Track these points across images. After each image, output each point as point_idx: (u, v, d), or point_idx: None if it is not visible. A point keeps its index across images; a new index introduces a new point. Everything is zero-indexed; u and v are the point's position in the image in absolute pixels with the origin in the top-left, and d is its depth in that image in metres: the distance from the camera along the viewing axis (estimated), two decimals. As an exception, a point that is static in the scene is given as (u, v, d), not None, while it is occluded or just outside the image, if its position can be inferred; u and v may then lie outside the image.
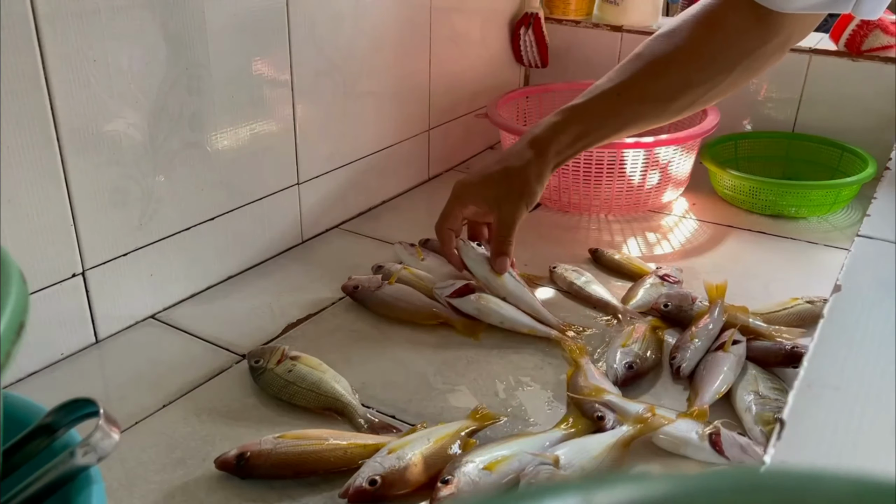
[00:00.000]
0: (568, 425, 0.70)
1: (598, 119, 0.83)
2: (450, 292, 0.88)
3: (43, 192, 0.74)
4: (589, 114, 0.84)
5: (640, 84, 0.82)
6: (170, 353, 0.82)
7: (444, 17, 1.23)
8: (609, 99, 0.83)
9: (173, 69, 0.83)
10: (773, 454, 0.35)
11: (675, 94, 0.82)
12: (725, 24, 0.78)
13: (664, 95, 0.82)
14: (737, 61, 0.79)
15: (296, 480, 0.64)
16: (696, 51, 0.79)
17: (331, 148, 1.08)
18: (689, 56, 0.80)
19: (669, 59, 0.81)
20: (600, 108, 0.83)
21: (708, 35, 0.79)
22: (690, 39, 0.80)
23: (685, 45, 0.80)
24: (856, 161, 1.19)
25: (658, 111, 0.84)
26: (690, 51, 0.80)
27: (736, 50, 0.78)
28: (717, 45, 0.79)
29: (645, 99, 0.83)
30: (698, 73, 0.80)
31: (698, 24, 0.80)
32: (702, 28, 0.80)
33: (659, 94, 0.82)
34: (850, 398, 0.38)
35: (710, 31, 0.79)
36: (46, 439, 0.41)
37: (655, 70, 0.81)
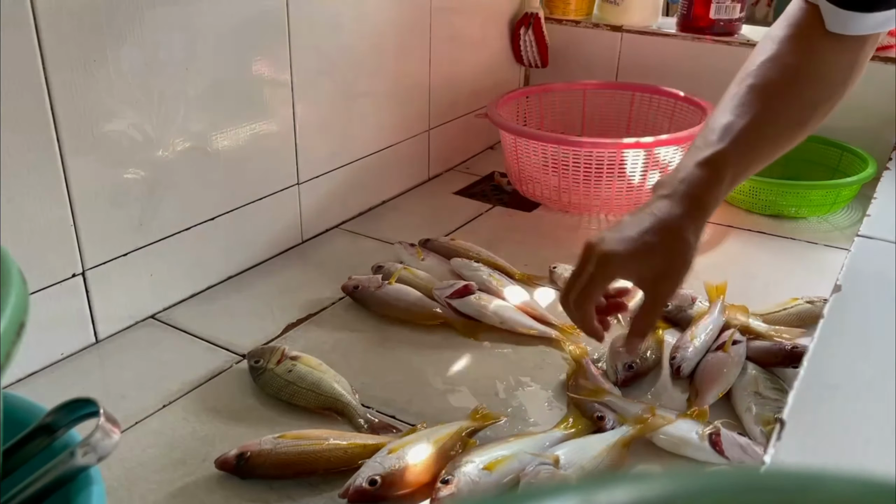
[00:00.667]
0: (568, 425, 0.70)
1: (745, 161, 0.74)
2: (450, 293, 0.88)
3: (43, 192, 0.74)
4: (737, 158, 0.73)
5: (772, 117, 0.76)
6: (170, 353, 0.82)
7: (444, 17, 1.23)
8: (751, 139, 0.74)
9: (173, 69, 0.83)
10: (773, 454, 0.35)
11: (806, 118, 0.77)
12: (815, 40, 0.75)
13: (796, 121, 0.77)
14: (845, 76, 0.76)
15: (296, 480, 0.64)
16: (805, 70, 0.76)
17: (331, 148, 1.08)
18: (804, 76, 0.76)
19: (789, 86, 0.76)
20: (746, 151, 0.74)
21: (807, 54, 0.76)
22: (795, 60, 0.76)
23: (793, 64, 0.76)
24: (856, 161, 1.19)
25: (793, 138, 0.78)
26: (801, 71, 0.76)
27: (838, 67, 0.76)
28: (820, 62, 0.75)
29: (781, 132, 0.77)
30: (818, 91, 0.76)
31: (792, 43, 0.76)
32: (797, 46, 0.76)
33: (792, 122, 0.77)
34: (850, 398, 0.38)
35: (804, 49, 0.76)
36: (46, 439, 0.41)
37: (782, 100, 0.76)
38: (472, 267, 0.94)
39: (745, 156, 0.74)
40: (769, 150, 0.77)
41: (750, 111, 0.74)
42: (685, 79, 1.29)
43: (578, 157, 1.10)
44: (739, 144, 0.73)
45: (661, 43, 1.36)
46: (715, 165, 0.71)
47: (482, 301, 0.87)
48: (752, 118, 0.74)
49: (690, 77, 1.30)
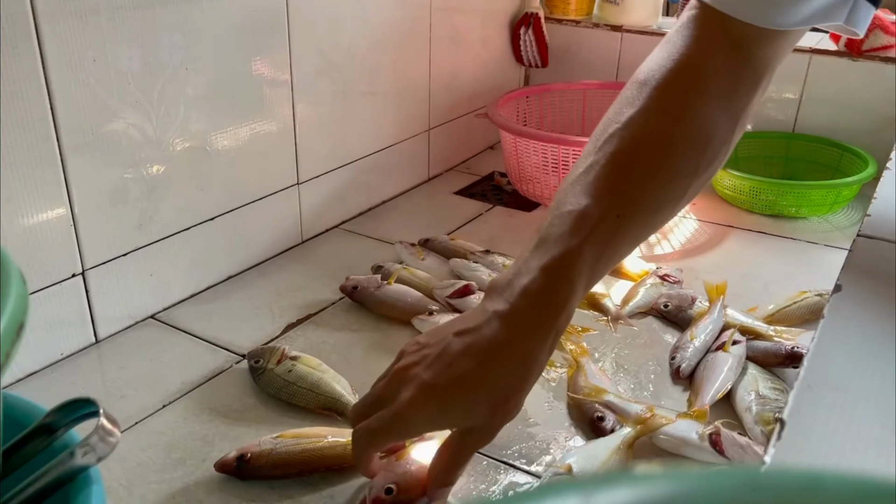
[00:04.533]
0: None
1: (604, 260, 0.59)
2: (450, 293, 0.88)
3: (43, 192, 0.74)
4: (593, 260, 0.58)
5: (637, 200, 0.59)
6: (170, 353, 0.82)
7: (444, 17, 1.23)
8: (610, 232, 0.58)
9: (173, 69, 0.83)
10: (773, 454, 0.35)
11: (682, 188, 0.62)
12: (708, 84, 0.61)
13: (672, 196, 0.62)
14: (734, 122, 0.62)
15: (295, 480, 0.64)
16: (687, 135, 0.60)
17: (331, 148, 1.08)
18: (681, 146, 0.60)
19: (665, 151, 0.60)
20: (604, 247, 0.58)
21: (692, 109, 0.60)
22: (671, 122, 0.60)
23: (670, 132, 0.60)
24: (856, 161, 1.19)
25: (670, 211, 0.64)
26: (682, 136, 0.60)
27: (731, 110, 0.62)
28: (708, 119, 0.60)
29: (649, 219, 0.62)
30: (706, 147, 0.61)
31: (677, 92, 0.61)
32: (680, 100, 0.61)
33: (666, 199, 0.62)
34: (850, 398, 0.38)
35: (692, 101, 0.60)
36: (46, 439, 0.41)
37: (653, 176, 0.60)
38: (472, 267, 0.94)
39: (603, 254, 0.58)
40: (633, 239, 0.62)
41: (609, 193, 0.58)
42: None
43: (578, 158, 1.10)
44: (597, 242, 0.57)
45: (661, 43, 1.36)
46: (565, 272, 0.56)
47: (482, 301, 0.87)
48: (611, 204, 0.57)
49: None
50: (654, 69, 0.62)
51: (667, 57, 0.62)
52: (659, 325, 0.89)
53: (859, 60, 1.23)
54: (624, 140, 0.59)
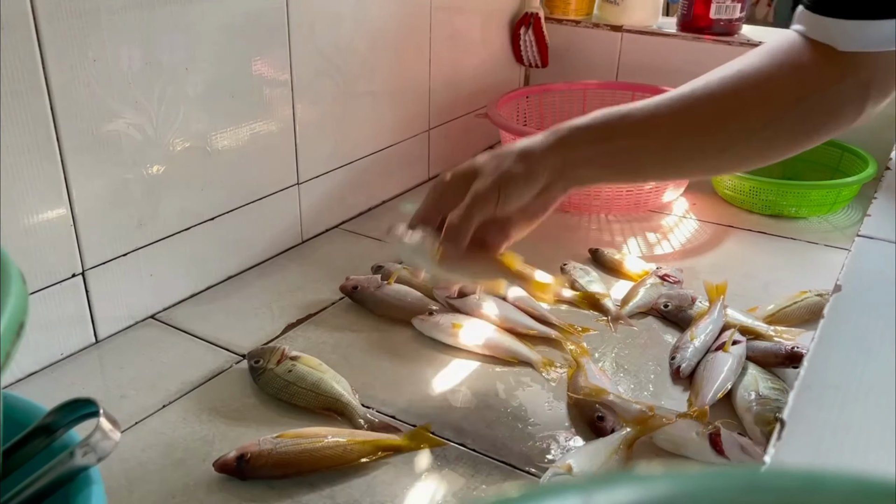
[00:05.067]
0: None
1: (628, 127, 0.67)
2: (450, 293, 0.88)
3: (43, 192, 0.74)
4: (622, 118, 0.68)
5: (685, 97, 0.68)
6: (170, 353, 0.82)
7: (444, 17, 1.23)
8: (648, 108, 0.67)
9: (173, 69, 0.83)
10: (773, 454, 0.35)
11: (725, 115, 0.67)
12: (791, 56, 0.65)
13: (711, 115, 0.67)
14: (802, 95, 0.65)
15: (295, 480, 0.64)
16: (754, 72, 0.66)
17: (331, 148, 1.08)
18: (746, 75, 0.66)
19: (723, 78, 0.67)
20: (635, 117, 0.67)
21: (769, 61, 0.66)
22: (749, 63, 0.67)
23: (743, 67, 0.67)
24: (856, 161, 1.19)
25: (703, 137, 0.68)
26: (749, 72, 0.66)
27: (803, 82, 0.65)
28: (778, 70, 0.65)
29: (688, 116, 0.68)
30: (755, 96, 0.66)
31: (763, 51, 0.68)
32: (764, 54, 0.67)
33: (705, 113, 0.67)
34: (850, 398, 0.38)
35: (771, 56, 0.66)
36: (46, 439, 0.41)
37: (707, 87, 0.68)
38: None
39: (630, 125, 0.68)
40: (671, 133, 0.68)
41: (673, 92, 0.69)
42: (685, 79, 1.28)
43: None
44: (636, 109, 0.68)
45: (661, 43, 1.36)
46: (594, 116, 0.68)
47: (482, 301, 0.87)
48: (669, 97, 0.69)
49: (690, 77, 1.29)
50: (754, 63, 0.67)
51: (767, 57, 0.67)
52: (659, 325, 0.89)
53: (859, 60, 1.23)
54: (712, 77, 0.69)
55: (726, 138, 0.67)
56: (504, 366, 0.80)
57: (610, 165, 0.69)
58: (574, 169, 0.68)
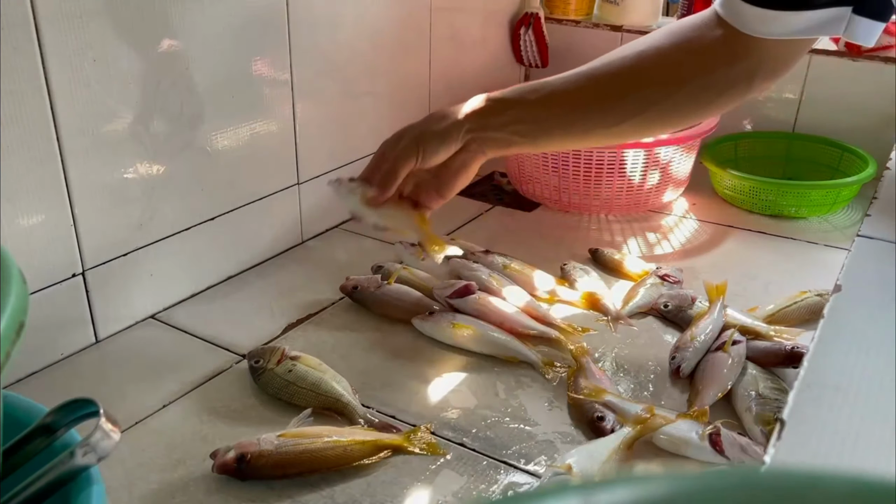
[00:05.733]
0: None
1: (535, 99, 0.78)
2: (449, 293, 0.88)
3: (43, 192, 0.74)
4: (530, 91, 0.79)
5: (588, 74, 0.78)
6: (170, 353, 0.82)
7: (444, 17, 1.23)
8: (554, 84, 0.78)
9: (173, 69, 0.83)
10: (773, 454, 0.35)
11: (621, 91, 0.76)
12: (690, 37, 0.74)
13: (610, 92, 0.77)
14: (692, 74, 0.74)
15: (295, 480, 0.64)
16: (652, 54, 0.75)
17: (331, 148, 1.08)
18: (645, 57, 0.76)
19: (624, 58, 0.77)
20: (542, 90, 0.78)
21: (668, 42, 0.75)
22: (650, 44, 0.76)
23: (644, 48, 0.76)
24: (856, 161, 1.19)
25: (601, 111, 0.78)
26: (647, 53, 0.76)
27: (695, 64, 0.74)
28: (674, 52, 0.75)
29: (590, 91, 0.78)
30: (649, 75, 0.75)
31: (664, 33, 0.77)
32: (665, 37, 0.76)
33: (605, 90, 0.77)
34: (850, 398, 0.38)
35: (671, 39, 0.75)
36: (46, 439, 0.41)
37: (608, 65, 0.77)
38: (472, 267, 0.94)
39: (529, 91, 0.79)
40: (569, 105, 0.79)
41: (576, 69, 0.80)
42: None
43: (578, 157, 1.10)
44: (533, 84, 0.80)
45: (661, 43, 1.36)
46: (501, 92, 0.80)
47: (482, 301, 0.87)
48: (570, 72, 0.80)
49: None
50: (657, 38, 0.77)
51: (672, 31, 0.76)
52: (659, 325, 0.89)
53: (859, 60, 1.23)
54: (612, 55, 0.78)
55: (623, 111, 0.76)
56: (504, 366, 0.80)
57: (519, 132, 0.78)
58: (486, 132, 0.79)
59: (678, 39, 0.75)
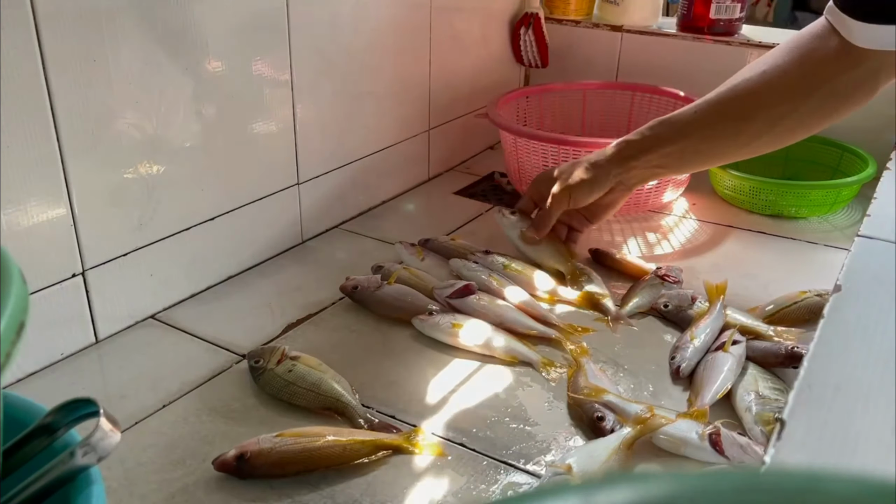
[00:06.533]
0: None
1: (673, 133, 0.85)
2: (450, 293, 0.88)
3: (43, 192, 0.74)
4: (667, 126, 0.85)
5: (719, 103, 0.82)
6: (170, 353, 0.82)
7: (444, 17, 1.23)
8: (687, 115, 0.84)
9: (173, 69, 0.83)
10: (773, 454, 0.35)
11: (749, 114, 0.81)
12: (808, 49, 0.78)
13: (738, 114, 0.81)
14: (816, 86, 0.77)
15: (295, 480, 0.64)
16: (773, 72, 0.79)
17: (331, 148, 1.08)
18: (768, 76, 0.80)
19: (749, 80, 0.81)
20: (682, 123, 0.85)
21: (788, 59, 0.79)
22: (771, 63, 0.80)
23: (765, 69, 0.80)
24: (856, 161, 1.19)
25: (733, 133, 0.83)
26: (769, 72, 0.80)
27: (813, 75, 0.77)
28: (794, 67, 0.78)
29: (721, 117, 0.83)
30: (773, 93, 0.79)
31: (783, 51, 0.80)
32: (784, 54, 0.80)
33: (733, 114, 0.82)
34: (850, 398, 0.38)
35: (790, 55, 0.79)
36: (46, 439, 0.41)
37: (735, 90, 0.82)
38: (472, 267, 0.94)
39: (675, 128, 0.86)
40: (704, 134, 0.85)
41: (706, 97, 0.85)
42: (685, 79, 1.29)
43: (578, 157, 1.10)
44: (676, 116, 0.86)
45: (661, 43, 1.36)
46: (650, 125, 0.88)
47: (482, 301, 0.87)
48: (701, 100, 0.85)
49: (690, 77, 1.30)
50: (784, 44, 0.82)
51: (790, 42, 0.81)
52: (659, 325, 0.89)
53: (859, 60, 1.23)
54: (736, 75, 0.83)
55: (753, 131, 0.82)
56: (504, 366, 0.80)
57: (661, 165, 0.89)
58: (630, 172, 0.90)
59: (797, 54, 0.78)
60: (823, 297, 0.87)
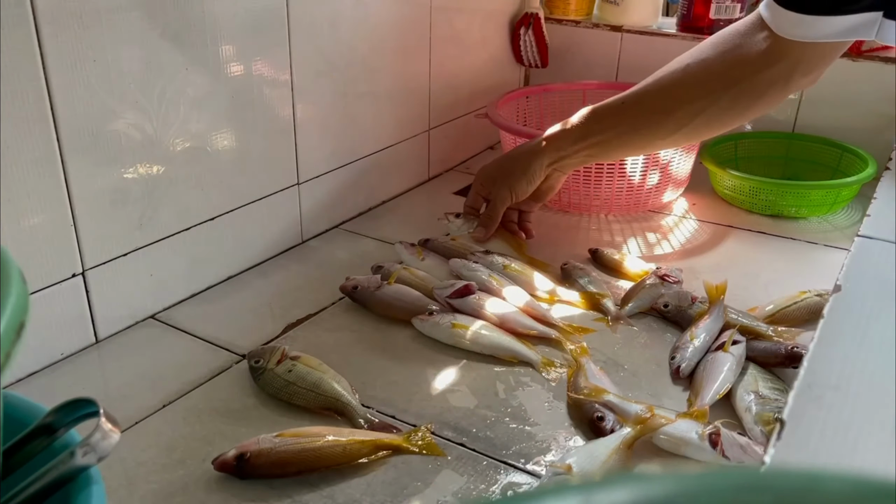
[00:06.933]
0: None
1: (601, 124, 0.88)
2: (449, 293, 0.88)
3: (43, 192, 0.74)
4: (595, 118, 0.89)
5: (643, 95, 0.86)
6: (170, 353, 0.82)
7: (444, 17, 1.23)
8: (616, 107, 0.87)
9: (173, 69, 0.83)
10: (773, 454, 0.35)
11: (669, 107, 0.84)
12: (732, 45, 0.80)
13: (659, 108, 0.85)
14: (731, 82, 0.80)
15: (295, 480, 0.64)
16: (696, 67, 0.82)
17: (331, 148, 1.08)
18: (690, 72, 0.83)
19: (673, 74, 0.84)
20: (605, 115, 0.88)
21: (711, 55, 0.82)
22: (695, 57, 0.83)
23: (689, 63, 0.83)
24: (856, 161, 1.19)
25: (655, 125, 0.87)
26: (692, 67, 0.83)
27: (733, 71, 0.80)
28: (715, 64, 0.81)
29: (644, 111, 0.86)
30: (691, 88, 0.82)
31: (709, 44, 0.83)
32: (710, 47, 0.82)
33: (655, 107, 0.85)
34: (850, 398, 0.38)
35: (716, 49, 0.81)
36: (46, 439, 0.41)
37: (659, 84, 0.85)
38: (472, 267, 0.94)
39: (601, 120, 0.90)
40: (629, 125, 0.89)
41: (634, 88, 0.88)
42: (685, 79, 1.29)
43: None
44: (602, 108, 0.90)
45: (661, 43, 1.36)
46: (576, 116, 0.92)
47: (482, 301, 0.87)
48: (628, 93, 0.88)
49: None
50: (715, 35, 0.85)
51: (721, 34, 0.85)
52: (659, 325, 0.89)
53: (859, 60, 1.23)
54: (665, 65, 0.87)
55: (675, 123, 0.86)
56: (504, 366, 0.80)
57: (589, 155, 0.94)
58: (563, 161, 0.95)
59: (722, 49, 0.81)
60: (823, 297, 0.87)
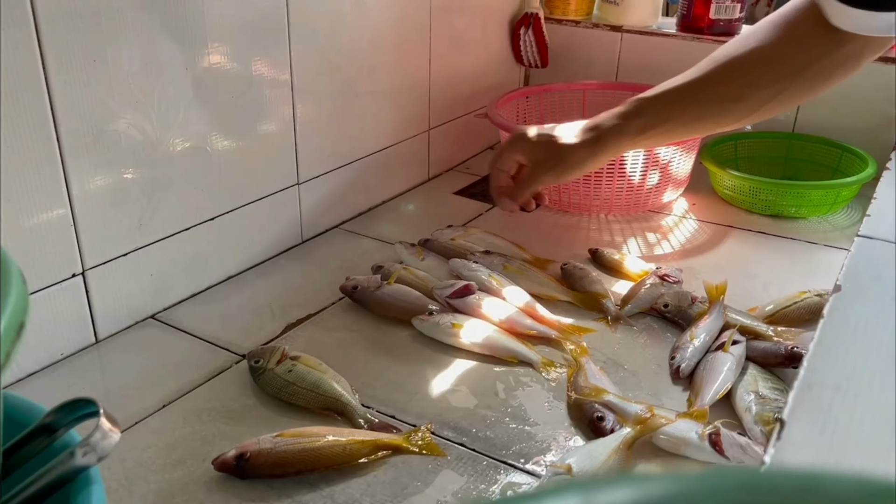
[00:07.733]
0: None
1: (664, 114, 0.85)
2: (449, 293, 0.88)
3: (43, 192, 0.74)
4: (655, 108, 0.85)
5: (708, 83, 0.84)
6: (170, 353, 0.82)
7: (444, 17, 1.23)
8: (677, 96, 0.85)
9: (173, 69, 0.83)
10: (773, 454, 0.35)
11: (740, 95, 0.83)
12: (794, 29, 0.79)
13: (729, 96, 0.83)
14: (801, 67, 0.79)
15: (295, 479, 0.64)
16: (762, 53, 0.81)
17: (331, 148, 1.08)
18: (756, 57, 0.81)
19: (738, 60, 0.82)
20: (667, 104, 0.85)
21: (775, 38, 0.81)
22: (759, 42, 0.82)
23: (754, 47, 0.82)
24: (856, 161, 1.19)
25: (724, 112, 0.85)
26: (758, 53, 0.81)
27: (801, 55, 0.79)
28: (782, 48, 0.80)
29: (712, 99, 0.84)
30: (763, 75, 0.81)
31: (770, 29, 0.82)
32: (771, 32, 0.81)
33: (725, 95, 0.84)
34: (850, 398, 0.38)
35: (778, 34, 0.81)
36: (46, 439, 0.41)
37: (724, 70, 0.83)
38: (472, 267, 0.94)
39: (664, 110, 0.85)
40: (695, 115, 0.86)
41: (692, 75, 0.85)
42: (685, 79, 1.29)
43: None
44: (662, 98, 0.85)
45: (661, 43, 1.36)
46: (630, 107, 0.86)
47: (482, 301, 0.87)
48: (689, 81, 0.84)
49: (690, 77, 1.30)
50: (761, 21, 0.84)
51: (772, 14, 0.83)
52: (659, 325, 0.89)
53: (859, 60, 1.23)
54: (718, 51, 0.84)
55: (744, 110, 0.84)
56: (504, 366, 0.80)
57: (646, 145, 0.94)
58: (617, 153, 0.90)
59: (783, 32, 0.80)
60: (823, 297, 0.87)
